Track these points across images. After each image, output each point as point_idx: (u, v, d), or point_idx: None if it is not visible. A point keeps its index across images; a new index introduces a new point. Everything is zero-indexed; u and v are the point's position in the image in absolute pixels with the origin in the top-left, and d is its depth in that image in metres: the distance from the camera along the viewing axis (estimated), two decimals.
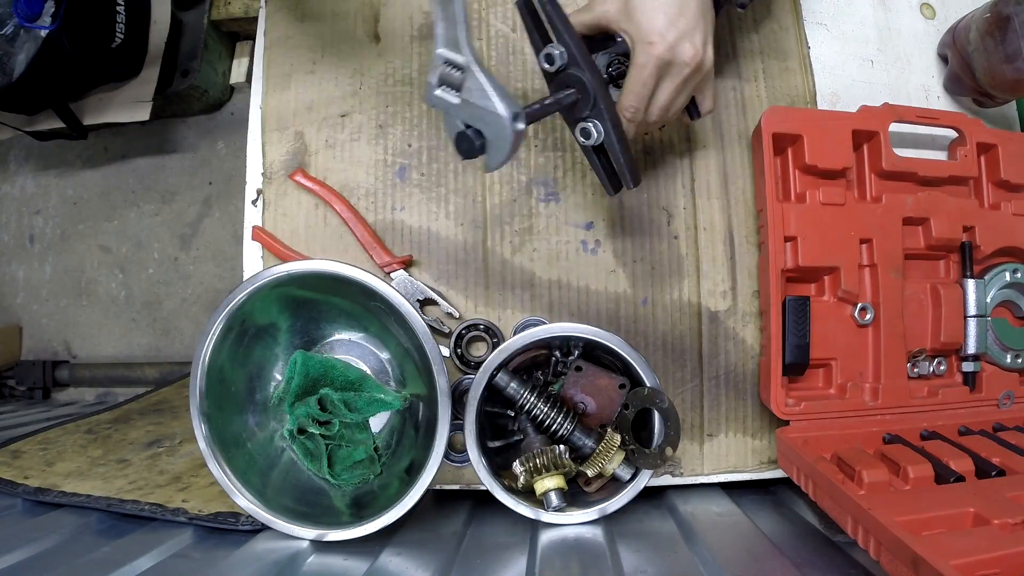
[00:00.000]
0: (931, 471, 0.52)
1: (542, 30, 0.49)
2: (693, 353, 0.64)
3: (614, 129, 0.48)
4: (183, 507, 0.62)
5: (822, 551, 0.53)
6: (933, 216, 0.62)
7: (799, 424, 0.59)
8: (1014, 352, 0.64)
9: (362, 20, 0.68)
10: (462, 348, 0.63)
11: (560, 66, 0.48)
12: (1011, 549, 0.41)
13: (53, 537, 0.59)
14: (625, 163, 0.49)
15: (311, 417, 0.59)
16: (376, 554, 0.54)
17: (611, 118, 0.48)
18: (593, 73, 0.47)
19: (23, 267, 1.59)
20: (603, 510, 0.57)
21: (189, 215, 1.54)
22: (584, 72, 0.47)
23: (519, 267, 0.64)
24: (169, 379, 1.34)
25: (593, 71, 0.47)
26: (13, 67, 1.08)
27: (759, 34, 0.69)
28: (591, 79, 0.47)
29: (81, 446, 0.86)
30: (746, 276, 0.65)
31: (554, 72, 0.49)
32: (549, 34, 0.49)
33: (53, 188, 1.60)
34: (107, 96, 1.32)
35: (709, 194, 0.66)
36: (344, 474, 0.60)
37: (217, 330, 0.56)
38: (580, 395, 0.60)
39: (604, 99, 0.48)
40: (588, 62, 0.47)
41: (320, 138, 0.66)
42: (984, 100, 0.71)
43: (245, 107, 0.70)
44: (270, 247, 0.65)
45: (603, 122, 0.48)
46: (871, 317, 0.61)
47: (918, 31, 0.73)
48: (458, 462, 0.62)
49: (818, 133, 0.60)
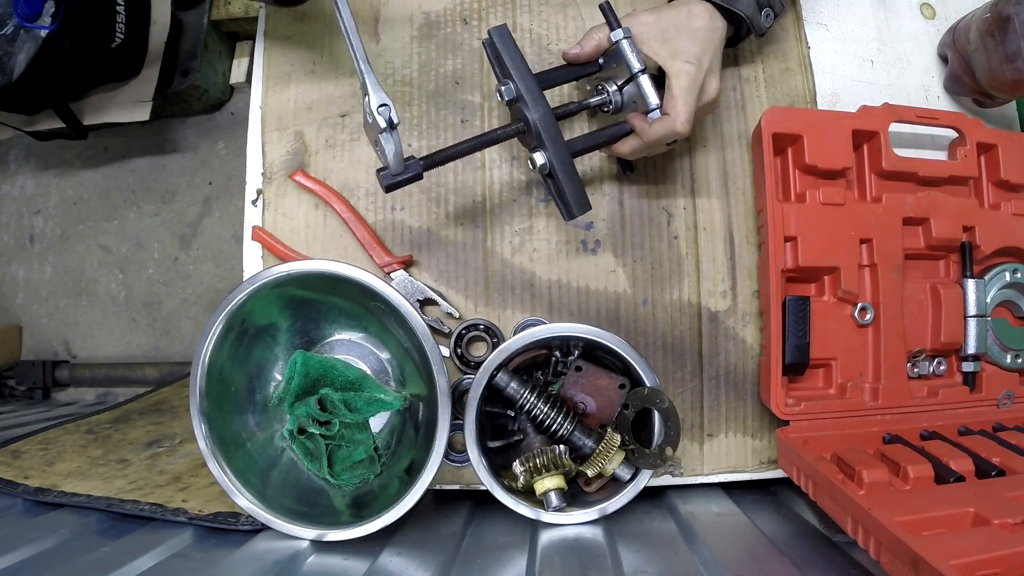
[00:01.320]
0: (931, 471, 0.52)
1: (503, 67, 0.54)
2: (693, 353, 0.64)
3: (557, 159, 0.52)
4: (183, 507, 0.62)
5: (822, 551, 0.53)
6: (933, 216, 0.62)
7: (799, 424, 0.59)
8: (1014, 352, 0.64)
9: (362, 20, 0.68)
10: (462, 348, 0.63)
11: (510, 100, 0.54)
12: (1011, 549, 0.41)
13: (53, 537, 0.59)
14: (569, 192, 0.52)
15: (311, 417, 0.59)
16: (376, 554, 0.54)
17: (554, 150, 0.52)
18: (538, 109, 0.52)
19: (23, 267, 1.59)
20: (603, 510, 0.57)
21: (189, 215, 1.54)
22: (529, 109, 0.52)
23: (519, 267, 0.64)
24: (169, 379, 1.34)
25: (539, 107, 0.52)
26: (13, 67, 1.08)
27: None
28: (536, 115, 0.52)
29: (81, 446, 0.86)
30: (746, 276, 0.65)
31: (507, 105, 0.55)
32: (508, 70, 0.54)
33: (53, 188, 1.60)
34: (107, 96, 1.32)
35: (709, 194, 0.66)
36: (344, 474, 0.60)
37: (217, 330, 0.56)
38: (580, 395, 0.60)
39: (547, 132, 0.52)
40: (535, 98, 0.52)
41: (320, 138, 0.66)
42: (984, 100, 0.71)
43: (245, 107, 0.70)
44: (270, 247, 0.65)
45: (547, 153, 0.52)
46: (871, 317, 0.61)
47: (918, 31, 0.73)
48: (458, 462, 0.62)
49: (818, 133, 0.60)
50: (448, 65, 0.67)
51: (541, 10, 0.68)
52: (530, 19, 0.68)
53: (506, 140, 0.54)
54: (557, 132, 0.52)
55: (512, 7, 0.68)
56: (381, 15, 0.68)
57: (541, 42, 0.67)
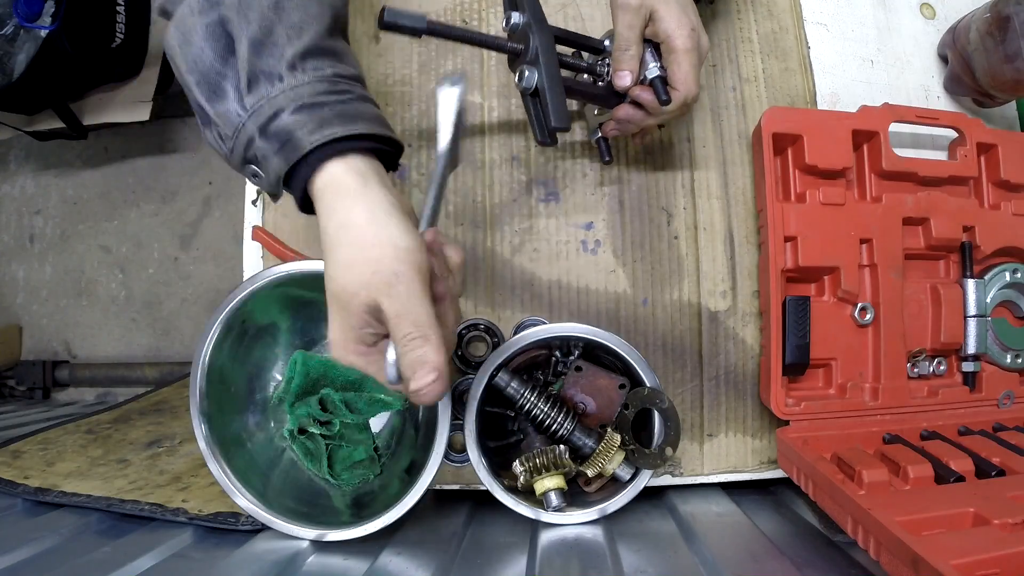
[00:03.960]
0: (931, 471, 0.52)
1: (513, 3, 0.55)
2: (693, 353, 0.64)
3: (547, 73, 0.52)
4: (183, 507, 0.62)
5: (822, 551, 0.53)
6: (933, 216, 0.62)
7: (799, 424, 0.59)
8: (1014, 352, 0.64)
9: (362, 20, 0.68)
10: (462, 348, 0.63)
11: (514, 27, 0.54)
12: (1011, 549, 0.41)
13: (53, 537, 0.59)
14: (552, 103, 0.52)
15: (312, 417, 0.59)
16: (376, 554, 0.54)
17: (547, 67, 0.52)
18: (543, 32, 0.53)
19: (23, 267, 1.59)
20: (603, 510, 0.57)
21: (189, 215, 1.54)
22: (533, 32, 0.53)
23: (519, 267, 0.64)
24: (169, 379, 1.34)
25: (544, 32, 0.53)
26: (13, 67, 1.08)
27: (759, 34, 0.69)
28: (540, 36, 0.53)
29: (81, 446, 0.86)
30: (746, 276, 0.65)
31: (509, 33, 0.55)
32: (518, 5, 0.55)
33: (53, 188, 1.60)
34: (107, 96, 1.32)
35: (709, 194, 0.66)
36: (344, 474, 0.60)
37: (217, 330, 0.56)
38: (580, 395, 0.60)
39: (545, 54, 0.52)
40: (542, 25, 0.53)
41: None
42: (984, 100, 0.71)
43: None
44: (270, 247, 0.64)
45: (538, 68, 0.52)
46: (871, 317, 0.61)
47: (918, 31, 0.73)
48: (458, 462, 0.62)
49: (818, 133, 0.60)
50: (448, 65, 0.67)
51: None
52: None
53: (499, 51, 0.55)
54: (555, 55, 0.53)
55: None
56: None
57: None
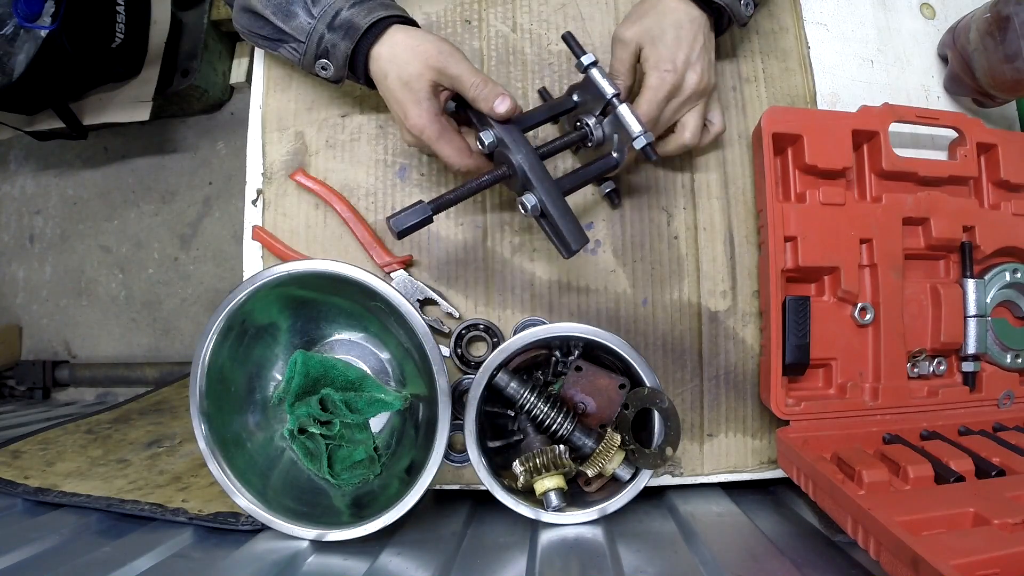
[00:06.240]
0: (931, 471, 0.52)
1: (479, 114, 0.55)
2: (693, 353, 0.64)
3: (548, 197, 0.51)
4: (183, 507, 0.62)
5: (822, 551, 0.53)
6: (933, 216, 0.62)
7: (799, 424, 0.59)
8: (1014, 352, 0.64)
9: None
10: (462, 348, 0.63)
11: (491, 146, 0.53)
12: (1011, 549, 0.41)
13: (53, 537, 0.59)
14: (564, 228, 0.51)
15: (312, 417, 0.59)
16: (376, 554, 0.54)
17: (543, 189, 0.51)
18: (520, 150, 0.52)
19: (23, 267, 1.59)
20: (603, 510, 0.57)
21: (189, 215, 1.54)
22: (511, 152, 0.52)
23: (519, 267, 0.64)
24: (169, 379, 1.34)
25: (521, 148, 0.52)
26: (13, 67, 1.08)
27: (759, 34, 0.69)
28: (520, 156, 0.52)
29: (81, 446, 0.86)
30: (746, 276, 0.65)
31: (488, 153, 0.54)
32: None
33: (53, 188, 1.60)
34: (107, 96, 1.32)
35: (709, 194, 0.66)
36: (344, 474, 0.60)
37: (217, 330, 0.56)
38: (580, 395, 0.60)
39: (533, 172, 0.52)
40: (516, 141, 0.52)
41: (320, 138, 0.66)
42: (984, 100, 0.71)
43: (245, 107, 0.70)
44: (270, 247, 0.65)
45: (536, 194, 0.52)
46: (871, 317, 0.61)
47: (918, 31, 0.73)
48: (458, 462, 0.62)
49: (818, 133, 0.60)
50: None
51: (541, 10, 0.68)
52: (530, 19, 0.68)
53: (492, 185, 0.53)
54: (544, 171, 0.52)
55: (512, 7, 0.68)
56: None
57: (541, 42, 0.67)
